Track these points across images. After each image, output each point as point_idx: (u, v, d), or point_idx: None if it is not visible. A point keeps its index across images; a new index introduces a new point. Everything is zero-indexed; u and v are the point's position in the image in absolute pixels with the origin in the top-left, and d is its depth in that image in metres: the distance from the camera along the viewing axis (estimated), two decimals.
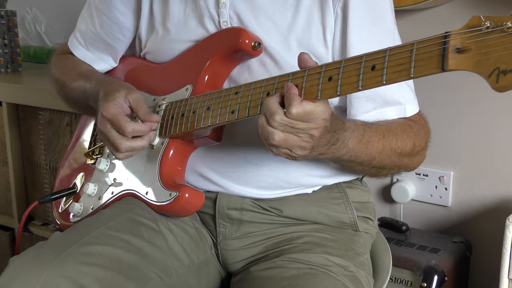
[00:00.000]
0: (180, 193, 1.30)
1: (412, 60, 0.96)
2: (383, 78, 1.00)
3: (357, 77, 1.03)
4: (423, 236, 2.05)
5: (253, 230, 1.41)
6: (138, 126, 1.32)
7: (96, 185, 1.50)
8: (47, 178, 2.41)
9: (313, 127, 1.08)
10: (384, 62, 1.00)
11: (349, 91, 1.05)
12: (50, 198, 1.60)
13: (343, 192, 1.43)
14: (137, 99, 1.34)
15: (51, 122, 2.32)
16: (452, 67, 0.93)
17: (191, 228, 1.42)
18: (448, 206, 2.11)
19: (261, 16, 1.33)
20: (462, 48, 0.92)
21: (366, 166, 1.29)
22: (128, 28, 1.55)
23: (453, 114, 2.05)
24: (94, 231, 1.29)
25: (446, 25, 1.97)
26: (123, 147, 1.31)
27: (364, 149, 1.23)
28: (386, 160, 1.28)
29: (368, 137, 1.23)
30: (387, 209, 2.22)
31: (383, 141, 1.25)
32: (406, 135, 1.30)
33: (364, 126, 1.23)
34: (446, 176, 2.09)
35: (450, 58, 0.92)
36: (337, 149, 1.18)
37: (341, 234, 1.40)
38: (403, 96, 1.34)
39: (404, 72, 0.98)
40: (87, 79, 1.50)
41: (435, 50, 0.94)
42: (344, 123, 1.17)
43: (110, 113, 1.31)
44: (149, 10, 1.48)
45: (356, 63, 1.04)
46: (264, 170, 1.37)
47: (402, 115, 1.34)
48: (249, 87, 1.20)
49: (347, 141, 1.18)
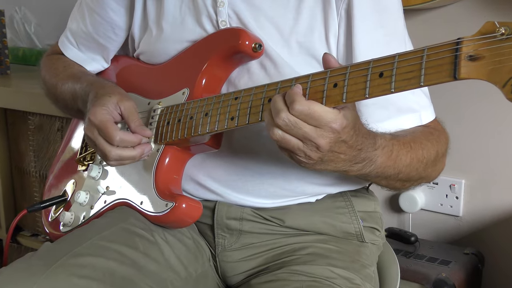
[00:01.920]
0: (177, 204, 1.30)
1: (422, 67, 0.96)
2: (392, 86, 1.00)
3: (364, 84, 1.03)
4: (433, 247, 2.05)
5: (253, 241, 1.41)
6: (127, 136, 1.31)
7: (88, 193, 1.50)
8: (36, 186, 2.41)
9: (320, 135, 1.05)
10: (392, 69, 0.99)
11: (355, 98, 1.04)
12: (39, 206, 1.60)
13: (348, 201, 1.43)
14: (130, 108, 1.34)
15: (41, 127, 2.32)
16: (465, 76, 0.92)
17: (188, 239, 1.42)
18: (459, 216, 2.11)
19: (261, 17, 1.33)
20: (475, 56, 0.91)
21: (392, 180, 1.27)
22: (121, 27, 1.55)
23: (464, 119, 2.05)
24: (86, 241, 1.29)
25: (456, 25, 1.99)
26: (112, 155, 1.31)
27: (392, 164, 1.21)
28: (412, 172, 1.27)
29: (397, 152, 1.21)
30: (395, 219, 2.23)
31: (410, 153, 1.24)
32: (430, 143, 1.29)
33: (393, 141, 1.21)
34: (457, 184, 2.09)
35: (463, 66, 0.92)
36: (363, 167, 1.16)
37: (346, 245, 1.40)
38: (417, 102, 1.33)
39: (413, 80, 0.97)
40: (77, 80, 1.51)
41: (446, 57, 0.94)
42: (375, 141, 1.15)
43: (98, 119, 1.31)
44: (142, 8, 1.48)
45: (363, 69, 1.03)
46: (265, 178, 1.37)
47: (418, 123, 1.33)
48: (250, 92, 1.20)
49: (375, 158, 1.16)
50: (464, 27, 1.95)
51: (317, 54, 1.31)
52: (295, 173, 1.37)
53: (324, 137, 1.05)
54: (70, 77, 1.55)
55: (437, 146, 1.31)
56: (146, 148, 1.34)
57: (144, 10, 1.48)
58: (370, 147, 1.14)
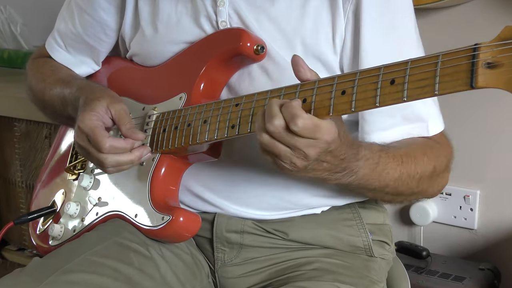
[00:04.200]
0: (174, 217, 1.30)
1: (437, 75, 0.95)
2: (404, 94, 0.99)
3: (374, 92, 1.02)
4: (446, 262, 2.04)
5: (255, 255, 1.41)
6: (118, 143, 1.31)
7: (79, 204, 1.49)
8: (23, 197, 2.41)
9: (311, 145, 1.06)
10: (405, 76, 0.99)
11: (364, 107, 1.04)
12: (26, 218, 1.60)
13: (356, 213, 1.43)
14: (121, 110, 1.34)
15: (28, 134, 2.32)
16: (482, 84, 0.91)
17: (186, 254, 1.41)
18: (473, 229, 2.11)
19: (263, 17, 1.33)
20: (494, 63, 0.90)
21: (379, 192, 1.28)
22: (112, 28, 1.55)
23: (479, 127, 2.05)
24: (78, 257, 1.29)
25: (470, 26, 2.00)
26: (109, 162, 1.31)
27: (377, 177, 1.22)
28: (402, 187, 1.27)
29: (383, 165, 1.21)
30: (405, 232, 2.23)
31: (400, 168, 1.24)
32: (426, 157, 1.29)
33: (380, 153, 1.21)
34: (471, 195, 2.09)
35: (480, 74, 0.91)
36: (342, 176, 1.17)
37: (354, 260, 1.40)
38: (425, 111, 1.33)
39: (427, 88, 0.97)
40: (66, 84, 1.51)
41: (463, 65, 0.93)
42: (358, 152, 1.16)
43: (87, 126, 1.31)
44: (134, 6, 1.48)
45: (373, 76, 1.03)
46: (267, 189, 1.37)
47: (424, 134, 1.33)
48: (251, 98, 1.20)
49: (357, 169, 1.17)
50: (479, 28, 1.95)
51: (323, 57, 1.31)
52: (299, 185, 1.37)
53: (314, 148, 1.06)
54: (58, 82, 1.55)
55: (435, 161, 1.31)
56: (145, 151, 1.34)
57: (136, 9, 1.48)
58: (353, 157, 1.14)
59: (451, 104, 1.73)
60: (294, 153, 1.07)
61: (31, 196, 1.73)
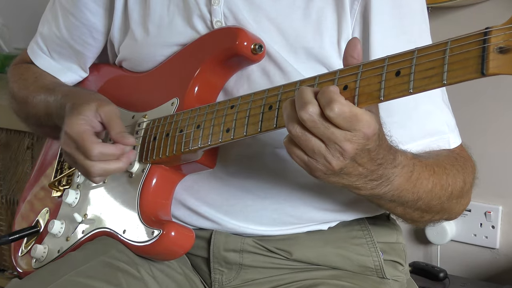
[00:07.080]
0: (165, 231, 1.29)
1: (446, 62, 0.95)
2: (410, 86, 0.99)
3: (379, 85, 1.02)
4: (465, 285, 2.05)
5: (256, 276, 1.41)
6: (107, 148, 1.31)
7: (64, 222, 1.49)
8: (3, 213, 2.41)
9: (348, 139, 1.03)
10: (411, 66, 0.99)
11: (368, 102, 1.04)
12: (7, 239, 1.60)
13: (366, 230, 1.43)
14: (111, 113, 1.34)
15: (8, 144, 2.33)
16: (494, 71, 0.91)
17: (179, 275, 1.41)
18: (495, 248, 2.11)
19: (262, 18, 1.34)
20: (506, 47, 0.90)
21: (410, 208, 1.26)
22: (100, 31, 1.55)
23: (501, 137, 2.05)
24: (60, 278, 1.28)
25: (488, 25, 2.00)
26: (95, 171, 1.31)
27: (411, 188, 1.20)
28: (434, 200, 1.26)
29: (417, 174, 1.20)
30: (420, 251, 2.23)
31: (433, 178, 1.23)
32: (456, 170, 1.29)
33: (414, 160, 1.20)
34: (493, 212, 2.09)
35: (491, 59, 0.91)
36: (377, 185, 1.14)
37: (364, 282, 1.39)
38: (446, 122, 1.33)
39: (435, 77, 0.97)
40: (51, 91, 1.51)
41: (473, 50, 0.93)
42: (395, 157, 1.14)
43: (74, 131, 1.31)
44: (123, 7, 1.49)
45: (378, 68, 1.03)
46: (268, 203, 1.37)
47: (445, 147, 1.33)
48: (248, 99, 1.20)
49: (393, 177, 1.15)
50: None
51: (327, 62, 1.31)
52: (302, 197, 1.36)
53: (352, 142, 1.03)
54: (42, 89, 1.55)
55: (464, 175, 1.30)
56: (132, 156, 1.34)
57: (125, 10, 1.49)
58: (390, 163, 1.13)
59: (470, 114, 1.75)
60: (330, 150, 1.04)
61: (12, 213, 1.73)
